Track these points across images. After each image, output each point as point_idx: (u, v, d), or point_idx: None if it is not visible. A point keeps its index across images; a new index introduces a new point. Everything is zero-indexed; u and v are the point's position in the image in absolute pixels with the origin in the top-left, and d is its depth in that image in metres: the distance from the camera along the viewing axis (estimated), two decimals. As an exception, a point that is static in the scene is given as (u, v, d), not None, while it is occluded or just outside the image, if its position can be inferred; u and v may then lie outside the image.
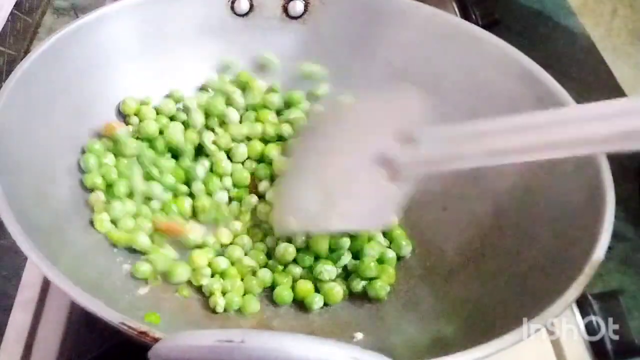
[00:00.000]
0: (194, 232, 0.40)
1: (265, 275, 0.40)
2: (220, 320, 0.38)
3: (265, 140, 0.45)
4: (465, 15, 0.65)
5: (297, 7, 0.47)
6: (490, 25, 0.62)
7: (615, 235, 0.32)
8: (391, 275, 0.40)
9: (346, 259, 0.40)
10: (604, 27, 0.53)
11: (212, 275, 0.39)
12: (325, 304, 0.39)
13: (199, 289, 0.39)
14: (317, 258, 0.40)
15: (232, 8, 0.47)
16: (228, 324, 0.38)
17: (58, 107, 0.40)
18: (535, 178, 0.38)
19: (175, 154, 0.44)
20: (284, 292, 0.39)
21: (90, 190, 0.40)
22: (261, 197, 0.43)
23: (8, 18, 0.59)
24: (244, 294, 0.39)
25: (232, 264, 0.40)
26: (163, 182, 0.42)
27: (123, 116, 0.45)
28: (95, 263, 0.37)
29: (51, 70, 0.39)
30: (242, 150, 0.44)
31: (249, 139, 0.45)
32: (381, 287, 0.39)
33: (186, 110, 0.45)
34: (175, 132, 0.44)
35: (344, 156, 0.37)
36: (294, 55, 0.48)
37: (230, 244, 0.41)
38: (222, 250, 0.41)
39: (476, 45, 0.43)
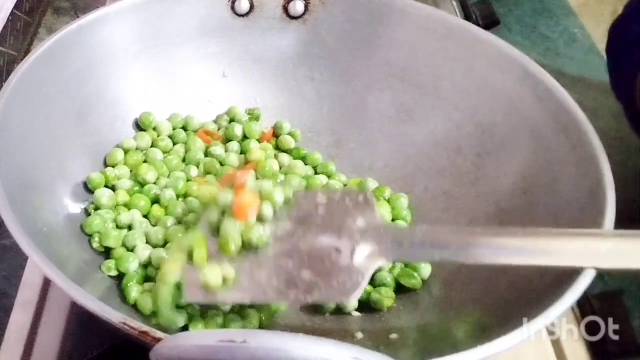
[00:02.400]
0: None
1: None
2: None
3: None
4: (466, 15, 0.65)
5: (297, 7, 0.47)
6: (490, 25, 0.62)
7: (616, 235, 0.32)
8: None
9: None
10: (604, 27, 0.53)
11: None
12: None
13: None
14: None
15: (232, 8, 0.47)
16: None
17: (58, 107, 0.40)
18: (536, 178, 0.38)
19: None
20: None
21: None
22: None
23: (8, 18, 0.58)
24: None
25: None
26: None
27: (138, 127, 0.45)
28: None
29: (51, 70, 0.39)
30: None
31: None
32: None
33: None
34: None
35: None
36: (294, 55, 0.48)
37: None
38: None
39: (476, 45, 0.43)
